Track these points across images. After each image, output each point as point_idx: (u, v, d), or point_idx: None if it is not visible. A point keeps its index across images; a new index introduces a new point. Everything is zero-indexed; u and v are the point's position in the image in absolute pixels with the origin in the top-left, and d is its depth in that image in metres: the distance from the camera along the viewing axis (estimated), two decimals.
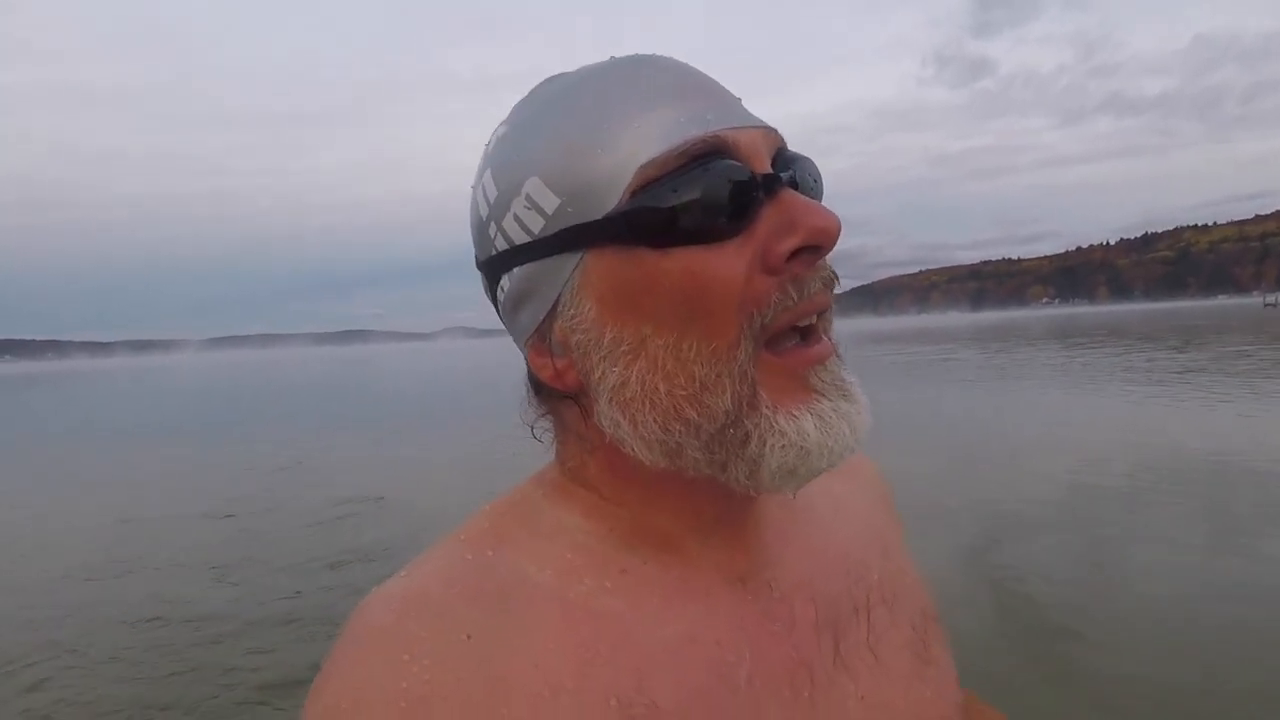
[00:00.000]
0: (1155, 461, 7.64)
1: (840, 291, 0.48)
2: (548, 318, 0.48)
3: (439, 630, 0.41)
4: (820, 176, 0.50)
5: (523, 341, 0.51)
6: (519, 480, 0.55)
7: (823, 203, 0.47)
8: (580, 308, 0.46)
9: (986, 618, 4.18)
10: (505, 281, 0.49)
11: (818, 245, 0.44)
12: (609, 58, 0.49)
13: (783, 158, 0.47)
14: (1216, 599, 4.23)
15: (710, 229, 0.43)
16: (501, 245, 0.48)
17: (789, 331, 0.46)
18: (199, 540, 6.86)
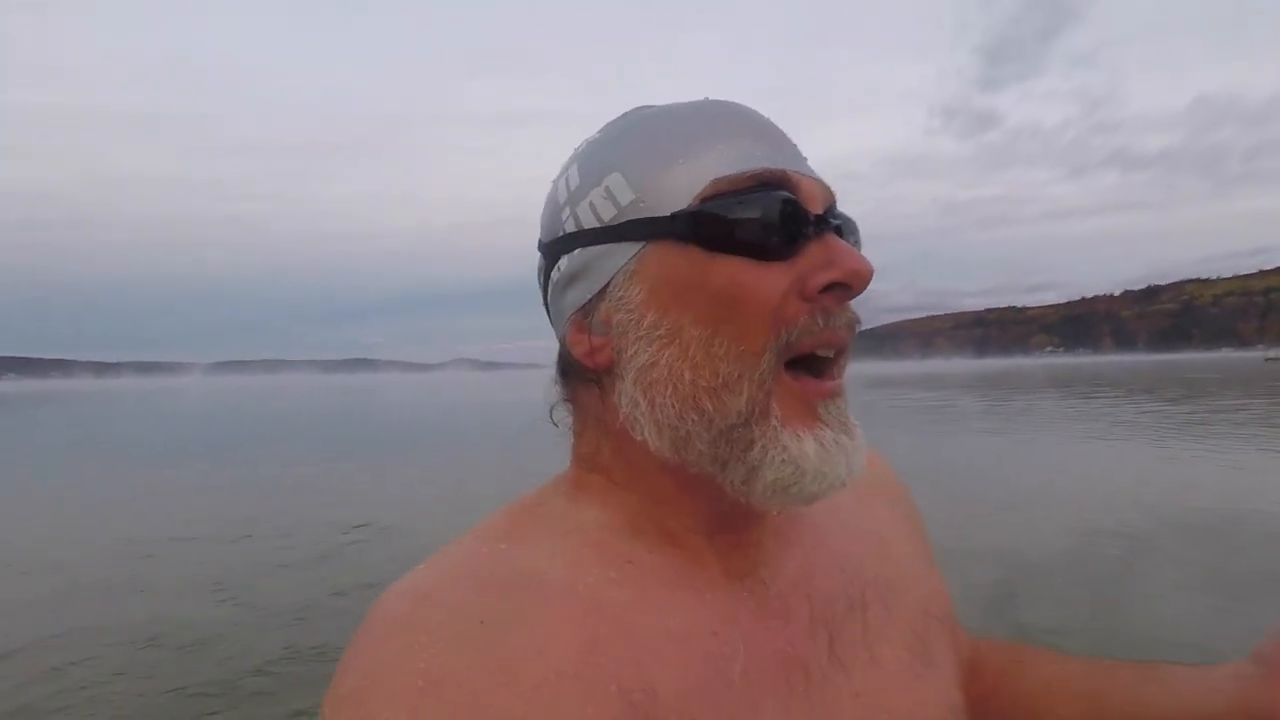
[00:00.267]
0: (1147, 508, 7.74)
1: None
2: (596, 297, 0.52)
3: (453, 617, 0.43)
4: (860, 238, 0.54)
5: (565, 318, 0.54)
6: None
7: (859, 247, 0.53)
8: (630, 291, 0.50)
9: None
10: (564, 261, 0.53)
11: (849, 285, 0.48)
12: (703, 98, 0.54)
13: (832, 211, 0.52)
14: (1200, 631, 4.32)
15: (761, 246, 0.47)
16: (571, 228, 0.52)
17: (808, 360, 0.49)
18: (202, 561, 6.94)
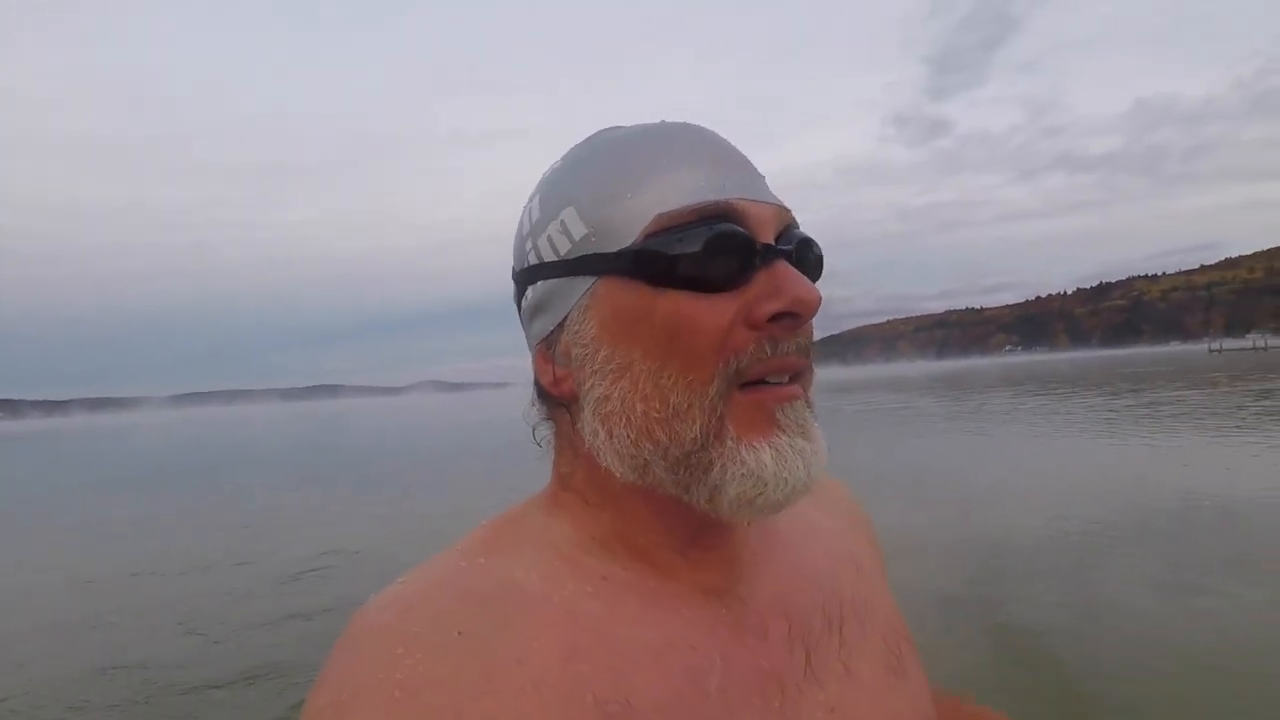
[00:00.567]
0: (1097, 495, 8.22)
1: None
2: (557, 329, 0.53)
3: (431, 627, 0.44)
4: (822, 257, 0.54)
5: (533, 346, 0.56)
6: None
7: (819, 279, 0.53)
8: (585, 325, 0.51)
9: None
10: (529, 292, 0.55)
11: (796, 314, 0.48)
12: (660, 120, 0.54)
13: (789, 234, 0.51)
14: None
15: (703, 280, 0.47)
16: (533, 260, 0.54)
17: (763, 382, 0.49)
18: (161, 595, 6.92)
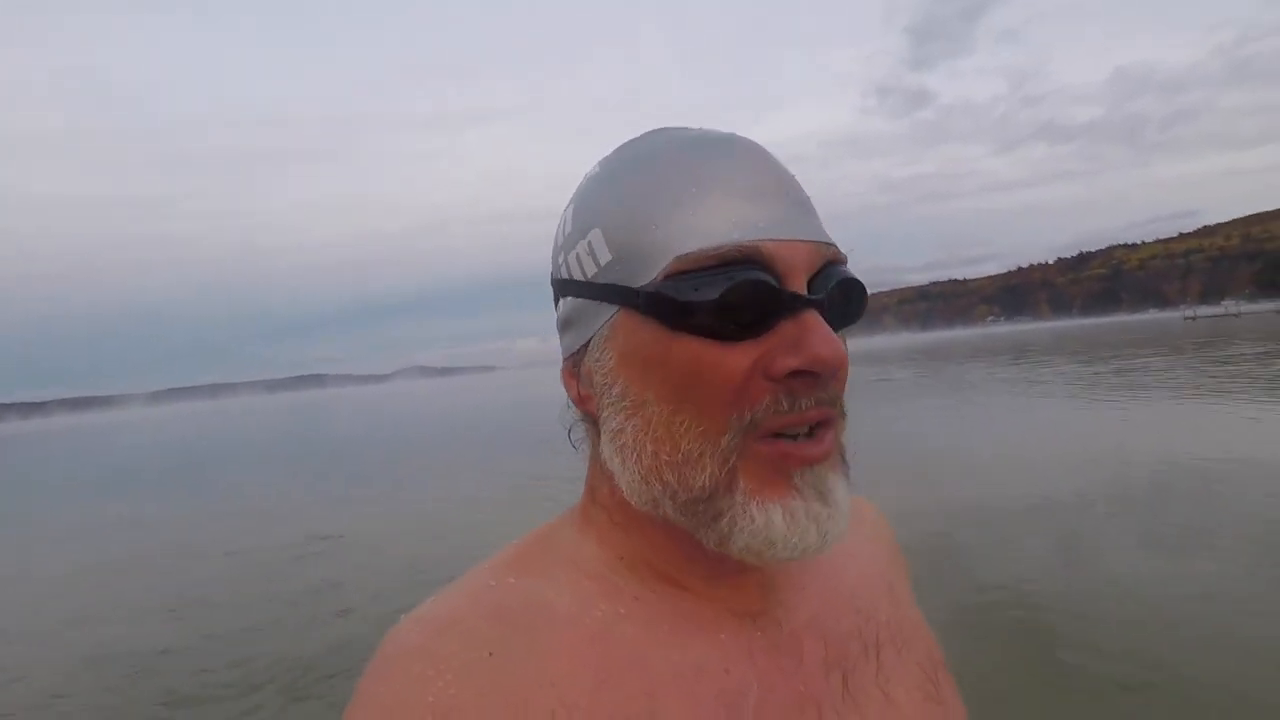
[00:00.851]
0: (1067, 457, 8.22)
1: None
2: (582, 350, 0.52)
3: (462, 648, 0.43)
4: (864, 297, 0.51)
5: (564, 358, 0.55)
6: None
7: (858, 317, 0.50)
8: (605, 354, 0.50)
9: None
10: (561, 304, 0.54)
11: (814, 373, 0.45)
12: (700, 130, 0.52)
13: (827, 272, 0.48)
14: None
15: (719, 329, 0.45)
16: (564, 274, 0.53)
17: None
18: (148, 588, 6.79)
